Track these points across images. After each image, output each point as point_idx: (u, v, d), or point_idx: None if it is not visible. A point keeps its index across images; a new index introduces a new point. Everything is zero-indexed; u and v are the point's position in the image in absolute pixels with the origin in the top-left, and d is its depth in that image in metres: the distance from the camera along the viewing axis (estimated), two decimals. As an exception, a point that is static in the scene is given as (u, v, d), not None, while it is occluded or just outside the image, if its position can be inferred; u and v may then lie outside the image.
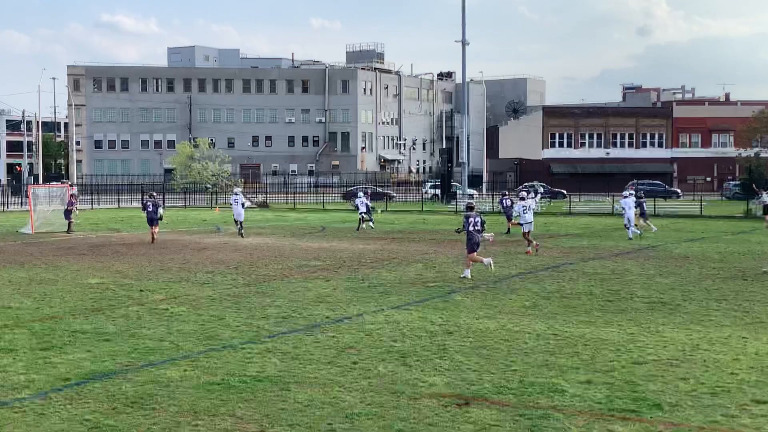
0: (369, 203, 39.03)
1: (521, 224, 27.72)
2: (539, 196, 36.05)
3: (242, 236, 32.96)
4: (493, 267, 20.97)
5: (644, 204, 36.50)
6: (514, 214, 31.78)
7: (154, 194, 34.07)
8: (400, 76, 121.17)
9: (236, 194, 34.69)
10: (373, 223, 38.76)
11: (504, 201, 36.86)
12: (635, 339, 13.12)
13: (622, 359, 11.76)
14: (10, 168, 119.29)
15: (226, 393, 10.09)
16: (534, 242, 27.12)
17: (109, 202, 69.35)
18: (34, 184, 68.71)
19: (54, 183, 70.33)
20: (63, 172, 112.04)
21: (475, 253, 20.85)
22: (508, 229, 34.78)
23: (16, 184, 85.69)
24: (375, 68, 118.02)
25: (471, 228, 20.60)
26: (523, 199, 28.36)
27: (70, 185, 45.53)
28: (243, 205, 34.37)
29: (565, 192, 75.23)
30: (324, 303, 16.71)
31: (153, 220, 31.29)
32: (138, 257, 25.75)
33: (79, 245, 30.07)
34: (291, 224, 41.92)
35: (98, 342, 13.01)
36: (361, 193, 40.48)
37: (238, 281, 20.12)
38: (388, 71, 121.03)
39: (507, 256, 25.63)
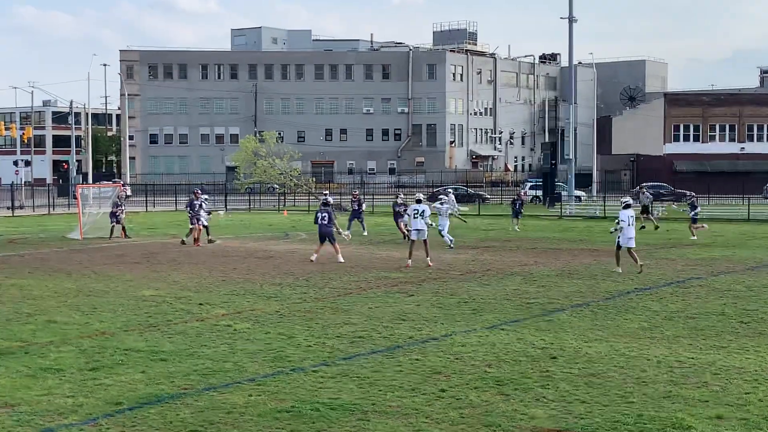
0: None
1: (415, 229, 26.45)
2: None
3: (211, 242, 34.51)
4: (313, 259, 26.68)
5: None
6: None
7: (199, 192, 35.36)
8: (496, 60, 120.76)
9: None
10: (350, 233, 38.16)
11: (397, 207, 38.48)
12: (776, 368, 12.81)
13: (759, 391, 11.49)
14: (57, 165, 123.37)
15: (296, 422, 10.20)
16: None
17: (165, 204, 70.90)
18: (82, 183, 70.78)
19: (105, 182, 72.41)
20: (114, 170, 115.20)
21: (326, 245, 27.13)
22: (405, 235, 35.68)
23: (63, 184, 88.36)
24: (466, 50, 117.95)
25: (320, 221, 27.17)
26: (419, 201, 27.27)
27: (123, 185, 46.73)
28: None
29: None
30: (407, 321, 16.74)
31: (191, 220, 33.76)
32: (197, 266, 26.25)
33: (132, 253, 30.81)
34: (369, 230, 42.10)
35: (153, 362, 13.30)
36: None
37: (309, 295, 20.32)
38: (482, 54, 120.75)
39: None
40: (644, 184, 48.02)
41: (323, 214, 27.32)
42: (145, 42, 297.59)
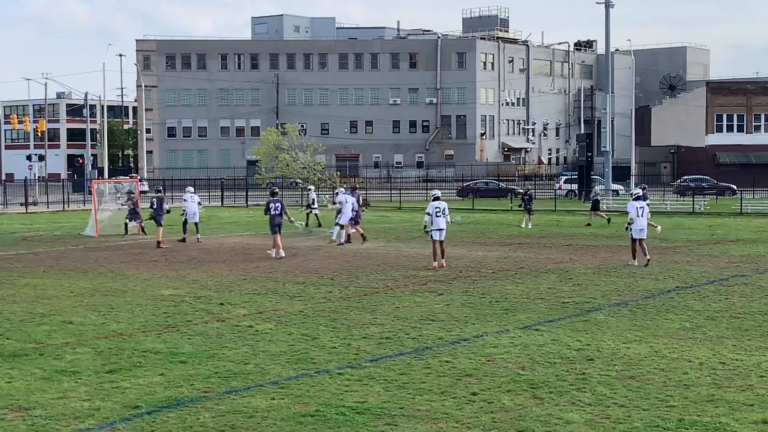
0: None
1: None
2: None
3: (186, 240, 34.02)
4: (281, 255, 27.70)
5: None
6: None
7: (161, 188, 34.81)
8: (528, 47, 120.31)
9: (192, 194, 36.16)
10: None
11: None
12: (825, 370, 12.71)
13: (808, 395, 11.41)
14: (71, 160, 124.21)
15: (321, 427, 10.24)
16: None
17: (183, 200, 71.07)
18: (98, 178, 71.28)
19: (121, 177, 72.88)
20: (131, 165, 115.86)
21: (278, 236, 28.35)
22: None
23: (78, 179, 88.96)
24: (497, 38, 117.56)
25: (272, 212, 28.51)
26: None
27: (140, 180, 47.01)
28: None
29: (734, 187, 73.30)
30: (436, 321, 16.75)
31: (158, 219, 32.85)
32: (218, 265, 26.36)
33: (150, 251, 30.98)
34: (396, 227, 42.14)
35: (172, 364, 13.39)
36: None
37: (334, 294, 20.36)
38: (514, 41, 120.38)
39: (662, 266, 25.14)
40: (595, 177, 46.78)
41: (276, 204, 28.76)
42: (162, 31, 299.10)
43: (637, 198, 26.18)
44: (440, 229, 25.42)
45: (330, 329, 15.99)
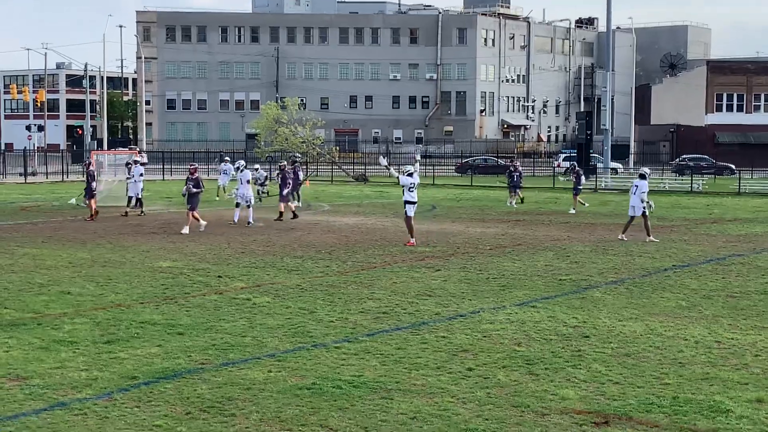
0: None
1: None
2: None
3: (126, 215, 33.75)
4: (202, 228, 27.74)
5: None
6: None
7: (92, 161, 34.74)
8: (530, 24, 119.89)
9: (136, 165, 35.67)
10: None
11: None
12: (820, 350, 12.74)
13: (802, 375, 11.44)
14: (71, 131, 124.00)
15: (318, 399, 10.27)
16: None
17: (182, 173, 71.00)
18: (97, 149, 71.19)
19: (120, 149, 72.77)
20: (130, 137, 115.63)
21: (196, 213, 28.17)
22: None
23: (77, 150, 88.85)
24: (498, 14, 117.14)
25: (203, 189, 29.24)
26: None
27: (139, 151, 46.93)
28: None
29: (733, 167, 73.26)
30: (433, 297, 16.78)
31: (92, 192, 32.50)
32: (216, 238, 26.37)
33: (149, 223, 31.00)
34: (394, 202, 42.09)
35: (170, 335, 13.42)
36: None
37: (332, 268, 20.38)
38: (515, 17, 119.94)
39: (659, 244, 25.17)
40: (516, 163, 45.14)
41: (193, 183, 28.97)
42: (162, 2, 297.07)
43: (642, 177, 26.60)
44: (414, 203, 25.01)
45: (327, 303, 16.02)
